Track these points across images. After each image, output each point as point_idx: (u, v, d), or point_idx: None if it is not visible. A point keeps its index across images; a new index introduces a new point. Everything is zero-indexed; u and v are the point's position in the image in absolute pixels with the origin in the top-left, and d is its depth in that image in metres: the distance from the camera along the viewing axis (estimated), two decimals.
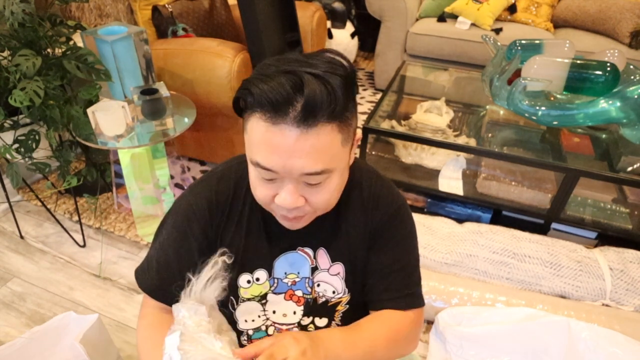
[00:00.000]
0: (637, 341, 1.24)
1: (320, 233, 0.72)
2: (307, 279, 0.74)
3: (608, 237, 1.65)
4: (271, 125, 0.54)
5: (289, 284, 0.74)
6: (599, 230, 1.66)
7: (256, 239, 0.72)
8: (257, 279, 0.73)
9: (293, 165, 0.56)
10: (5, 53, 1.42)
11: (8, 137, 1.52)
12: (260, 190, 0.62)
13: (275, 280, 0.74)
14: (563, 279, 1.40)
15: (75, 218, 1.81)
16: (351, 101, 0.58)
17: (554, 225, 1.71)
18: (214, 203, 0.71)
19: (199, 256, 0.70)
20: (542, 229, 1.70)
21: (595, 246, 1.64)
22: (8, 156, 1.44)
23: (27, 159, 1.55)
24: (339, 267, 0.73)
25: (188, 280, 0.64)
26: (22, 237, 1.75)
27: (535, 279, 1.41)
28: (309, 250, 0.73)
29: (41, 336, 1.17)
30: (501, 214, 1.77)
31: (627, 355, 1.20)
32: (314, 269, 0.73)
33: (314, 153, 0.55)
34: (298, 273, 0.73)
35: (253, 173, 0.62)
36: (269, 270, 0.73)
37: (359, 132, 0.66)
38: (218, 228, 0.72)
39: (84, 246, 1.72)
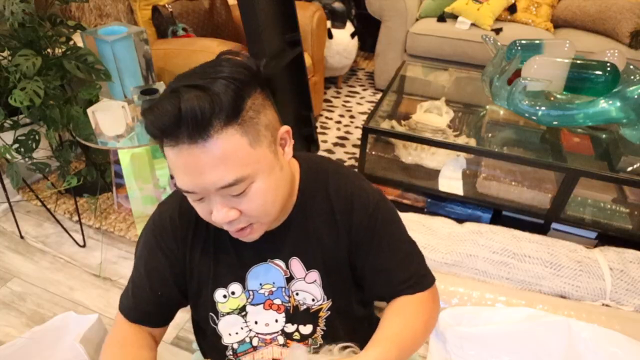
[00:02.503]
0: (637, 341, 1.24)
1: (289, 242, 0.71)
2: (283, 288, 0.73)
3: (608, 237, 1.65)
4: (172, 149, 0.54)
5: (266, 294, 0.73)
6: (599, 230, 1.66)
7: (225, 253, 0.71)
8: (233, 293, 0.73)
9: (205, 182, 0.54)
10: (5, 53, 1.42)
11: (8, 137, 1.52)
12: (199, 211, 0.62)
13: (251, 293, 0.73)
14: (563, 279, 1.40)
15: (75, 218, 1.81)
16: (251, 99, 0.55)
17: (554, 225, 1.71)
18: (177, 217, 0.71)
19: (170, 271, 0.71)
20: (542, 229, 1.70)
21: (595, 246, 1.64)
22: (8, 156, 1.44)
23: (27, 159, 1.55)
24: (315, 275, 0.72)
25: None
26: (22, 237, 1.75)
27: (536, 279, 1.41)
28: (280, 262, 0.71)
29: (41, 336, 1.17)
30: (501, 214, 1.77)
31: (627, 355, 1.20)
32: (290, 279, 0.72)
33: (220, 165, 0.53)
34: (273, 283, 0.73)
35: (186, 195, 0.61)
36: (242, 283, 0.72)
37: (285, 127, 0.62)
38: (185, 242, 0.71)
39: (84, 246, 1.72)
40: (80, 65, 1.43)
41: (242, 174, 0.55)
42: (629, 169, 1.61)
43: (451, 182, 1.82)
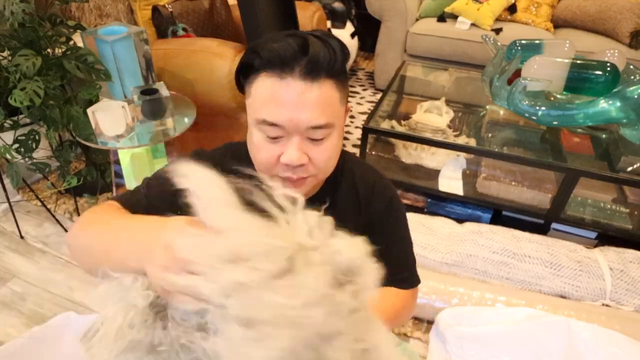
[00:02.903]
0: (637, 341, 1.24)
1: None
2: None
3: (608, 237, 1.65)
4: (278, 80, 0.59)
5: None
6: (599, 230, 1.66)
7: None
8: None
9: (299, 118, 0.59)
10: (5, 53, 1.42)
11: (8, 137, 1.52)
12: (264, 152, 0.63)
13: None
14: (563, 279, 1.40)
15: (75, 218, 1.81)
16: (344, 71, 0.64)
17: (554, 225, 1.71)
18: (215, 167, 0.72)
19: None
20: (542, 229, 1.70)
21: (595, 246, 1.64)
22: (8, 156, 1.44)
23: (27, 159, 1.55)
24: None
25: None
26: (22, 237, 1.75)
27: (536, 279, 1.41)
28: None
29: (41, 336, 1.17)
30: (501, 214, 1.77)
31: (628, 356, 1.20)
32: None
33: (318, 106, 0.60)
34: None
35: (257, 136, 0.64)
36: None
37: (349, 105, 0.71)
38: None
39: None
40: (80, 65, 1.43)
41: (332, 121, 0.62)
42: (629, 169, 1.61)
43: (451, 182, 1.82)
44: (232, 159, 0.69)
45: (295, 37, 0.60)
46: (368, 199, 0.76)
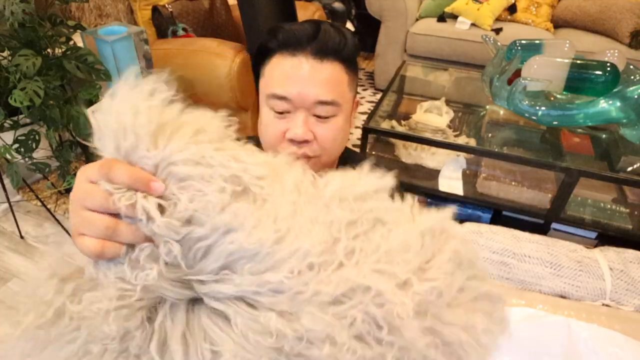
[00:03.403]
0: (637, 341, 1.24)
1: None
2: None
3: (608, 237, 1.65)
4: (290, 57, 0.64)
5: None
6: (599, 230, 1.66)
7: None
8: None
9: (308, 92, 0.64)
10: (5, 53, 1.42)
11: (8, 137, 1.52)
12: (271, 128, 0.67)
13: None
14: (563, 279, 1.40)
15: None
16: (355, 61, 0.69)
17: (554, 225, 1.71)
18: None
19: None
20: (542, 229, 1.70)
21: (595, 246, 1.64)
22: (8, 156, 1.44)
23: (27, 159, 1.55)
24: None
25: None
26: (22, 237, 1.75)
27: (535, 279, 1.41)
28: None
29: None
30: (501, 214, 1.77)
31: (628, 356, 1.20)
32: None
33: (326, 83, 0.64)
34: None
35: (265, 113, 0.68)
36: None
37: (357, 99, 0.75)
38: None
39: None
40: (80, 65, 1.43)
41: (338, 99, 0.66)
42: (629, 169, 1.61)
43: (451, 182, 1.82)
44: None
45: (311, 22, 0.66)
46: None
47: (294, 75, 0.64)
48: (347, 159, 0.80)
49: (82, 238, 0.35)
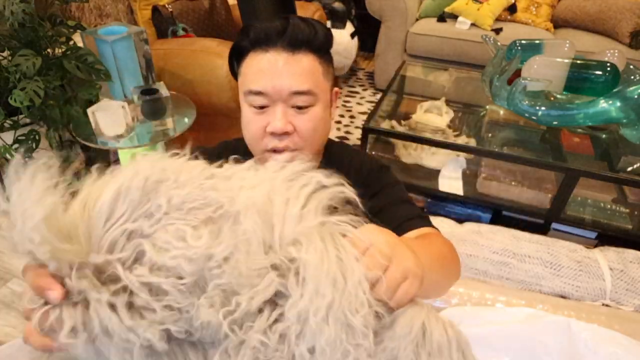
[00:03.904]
0: (637, 341, 1.24)
1: None
2: None
3: (608, 237, 1.65)
4: (263, 54, 0.66)
5: None
6: (599, 230, 1.66)
7: None
8: None
9: (282, 84, 0.65)
10: (5, 53, 1.42)
11: (8, 137, 1.52)
12: (253, 125, 0.68)
13: None
14: (563, 279, 1.40)
15: None
16: (328, 52, 0.71)
17: (554, 225, 1.71)
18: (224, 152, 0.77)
19: None
20: (542, 229, 1.70)
21: (595, 246, 1.64)
22: (8, 156, 1.44)
23: (27, 159, 1.55)
24: None
25: None
26: None
27: (535, 279, 1.41)
28: None
29: None
30: (501, 214, 1.77)
31: (627, 356, 1.20)
32: None
33: (300, 74, 0.65)
34: None
35: (245, 111, 0.69)
36: None
37: (336, 88, 0.76)
38: None
39: None
40: (80, 65, 1.43)
41: (314, 89, 0.67)
42: (629, 169, 1.61)
43: (451, 182, 1.82)
44: (231, 153, 0.70)
45: (280, 18, 0.67)
46: (359, 171, 0.78)
47: (268, 69, 0.65)
48: (334, 152, 0.80)
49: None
